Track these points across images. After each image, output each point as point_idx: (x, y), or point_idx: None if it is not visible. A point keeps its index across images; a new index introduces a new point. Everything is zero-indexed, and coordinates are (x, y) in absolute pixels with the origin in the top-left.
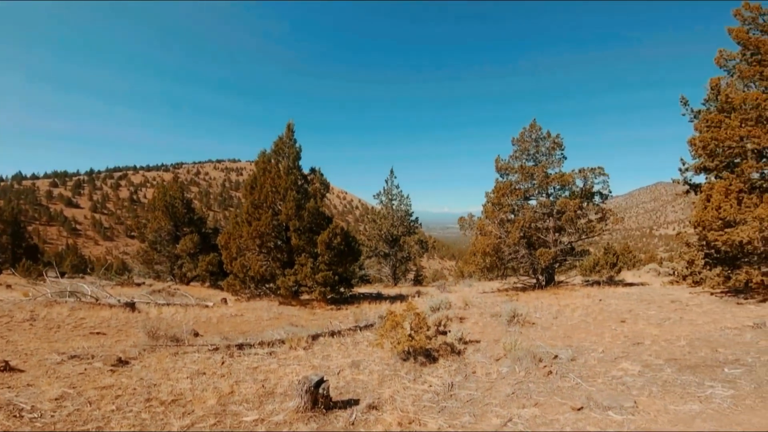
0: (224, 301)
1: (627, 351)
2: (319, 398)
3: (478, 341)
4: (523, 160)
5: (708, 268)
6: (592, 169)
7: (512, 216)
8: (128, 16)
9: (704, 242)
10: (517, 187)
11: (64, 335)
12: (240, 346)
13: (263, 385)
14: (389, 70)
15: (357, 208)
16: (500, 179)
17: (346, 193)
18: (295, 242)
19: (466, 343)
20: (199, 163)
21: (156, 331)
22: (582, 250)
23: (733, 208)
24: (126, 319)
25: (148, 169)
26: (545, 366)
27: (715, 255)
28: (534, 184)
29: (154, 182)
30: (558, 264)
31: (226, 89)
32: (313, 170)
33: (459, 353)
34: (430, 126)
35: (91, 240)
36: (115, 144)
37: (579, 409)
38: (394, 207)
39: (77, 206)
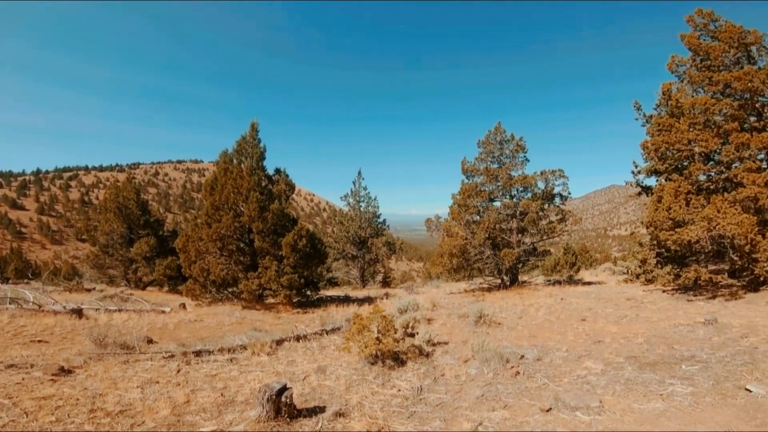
0: (183, 306)
1: (589, 349)
2: (282, 407)
3: (446, 343)
4: (488, 162)
5: (659, 266)
6: (552, 171)
7: (478, 217)
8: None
9: (656, 242)
10: (482, 189)
11: (2, 344)
12: (198, 353)
13: (222, 394)
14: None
15: (324, 210)
16: (466, 181)
17: (314, 195)
18: (259, 244)
19: (434, 345)
20: (158, 163)
21: (104, 338)
22: (543, 250)
23: (682, 209)
24: (72, 326)
25: (101, 169)
26: (513, 366)
27: (665, 254)
28: (498, 186)
29: (108, 183)
30: (521, 264)
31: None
32: (278, 171)
33: (427, 356)
34: (393, 119)
35: (38, 244)
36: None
37: (548, 411)
38: (361, 209)
39: (22, 208)
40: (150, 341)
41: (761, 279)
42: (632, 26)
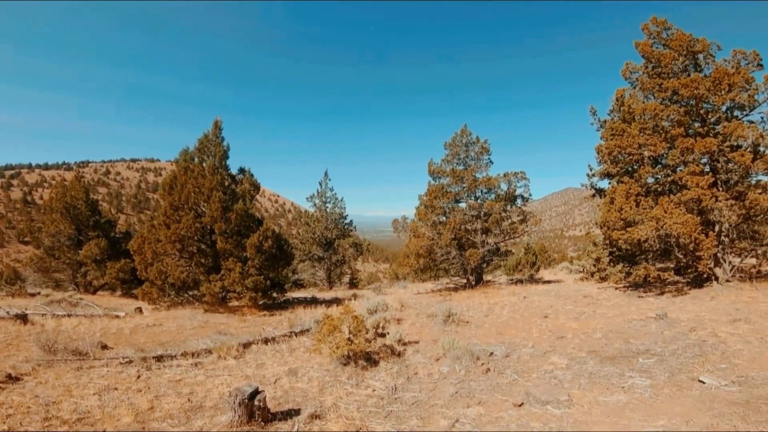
0: (139, 310)
1: (553, 345)
2: (255, 410)
3: (416, 342)
4: (454, 164)
5: (612, 264)
6: (515, 173)
7: (444, 218)
8: None
9: (608, 241)
10: (448, 190)
11: None
12: (159, 358)
13: (189, 399)
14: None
15: (289, 211)
16: (433, 182)
17: (278, 196)
18: (222, 246)
19: (405, 344)
20: (110, 162)
21: (53, 344)
22: (506, 250)
23: (632, 210)
24: (17, 332)
25: (46, 167)
26: (483, 363)
27: (618, 253)
28: (464, 187)
29: (53, 182)
30: (486, 264)
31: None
32: (242, 170)
33: (399, 355)
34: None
35: None
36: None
37: (520, 405)
38: (328, 210)
39: None
40: (104, 347)
41: (704, 276)
42: (596, 28)
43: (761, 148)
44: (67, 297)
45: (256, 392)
